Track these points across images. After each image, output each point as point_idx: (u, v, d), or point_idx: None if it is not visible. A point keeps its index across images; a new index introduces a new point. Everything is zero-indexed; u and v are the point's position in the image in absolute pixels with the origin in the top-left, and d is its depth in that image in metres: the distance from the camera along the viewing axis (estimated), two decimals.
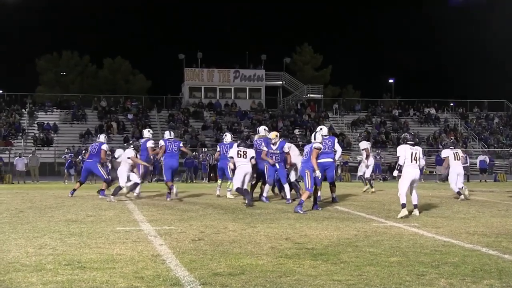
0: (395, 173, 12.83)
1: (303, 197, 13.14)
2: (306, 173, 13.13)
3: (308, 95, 55.88)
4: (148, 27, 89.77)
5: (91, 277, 6.20)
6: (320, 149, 13.36)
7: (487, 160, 38.63)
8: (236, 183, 15.08)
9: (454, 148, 17.33)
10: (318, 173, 13.03)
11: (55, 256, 7.32)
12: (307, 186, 13.13)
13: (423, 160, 14.74)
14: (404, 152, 12.50)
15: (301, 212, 12.63)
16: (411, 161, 12.42)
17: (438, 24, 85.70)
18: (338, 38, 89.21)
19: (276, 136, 15.80)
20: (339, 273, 6.45)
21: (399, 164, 12.66)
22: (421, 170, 14.71)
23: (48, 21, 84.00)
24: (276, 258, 7.28)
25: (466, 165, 35.77)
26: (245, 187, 15.15)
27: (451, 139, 26.02)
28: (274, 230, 9.79)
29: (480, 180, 34.06)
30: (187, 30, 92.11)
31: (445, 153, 17.02)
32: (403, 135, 13.13)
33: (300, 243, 8.43)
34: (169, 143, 16.81)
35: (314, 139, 13.46)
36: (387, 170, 38.90)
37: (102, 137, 17.97)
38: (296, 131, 48.28)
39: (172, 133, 17.43)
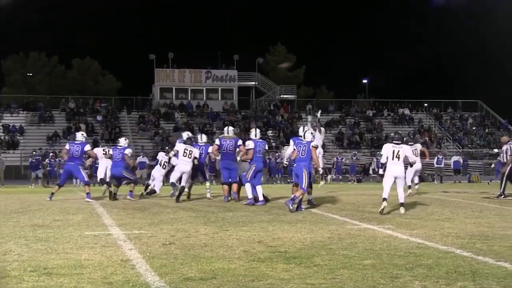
0: (380, 171, 13.29)
1: (297, 194, 13.50)
2: (303, 172, 13.49)
3: (281, 96, 56.01)
4: (118, 26, 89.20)
5: (58, 283, 6.13)
6: (317, 147, 13.86)
7: (461, 161, 39.08)
8: (172, 178, 16.74)
9: (414, 144, 17.69)
10: (320, 169, 13.72)
11: (20, 263, 7.22)
12: (303, 186, 13.49)
13: (414, 157, 14.97)
14: (387, 150, 13.22)
15: (291, 207, 13.14)
16: (393, 159, 13.08)
17: (416, 24, 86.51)
18: (312, 38, 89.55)
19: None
20: (312, 277, 6.45)
21: (381, 163, 13.44)
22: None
23: (15, 21, 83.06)
24: (248, 262, 7.26)
25: (440, 166, 36.29)
26: (182, 184, 16.40)
27: (422, 138, 26.44)
28: (246, 233, 9.77)
29: (454, 181, 34.41)
30: (158, 30, 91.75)
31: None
32: (391, 134, 13.77)
33: (273, 246, 8.42)
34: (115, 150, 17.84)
35: (304, 137, 13.80)
36: (362, 171, 39.11)
37: (122, 141, 18.15)
38: (269, 132, 48.35)
39: (123, 140, 18.14)
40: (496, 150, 28.48)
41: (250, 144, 15.62)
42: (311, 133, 14.21)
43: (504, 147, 18.39)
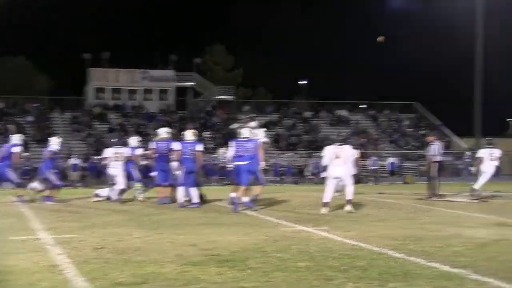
0: (323, 174, 13.67)
1: (257, 192, 14.66)
2: (251, 170, 14.29)
3: (219, 97, 55.95)
4: (52, 25, 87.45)
5: None
6: (268, 143, 14.59)
7: (397, 162, 39.81)
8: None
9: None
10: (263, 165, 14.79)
11: None
12: (262, 181, 14.59)
13: (353, 158, 15.43)
14: (328, 152, 13.87)
15: (254, 207, 14.12)
16: (335, 160, 13.73)
17: (356, 26, 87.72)
18: (251, 39, 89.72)
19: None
20: (246, 280, 6.44)
21: (323, 165, 14.24)
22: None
23: None
24: (181, 265, 7.20)
25: (374, 167, 36.92)
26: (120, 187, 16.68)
27: (360, 140, 26.95)
28: (180, 236, 9.70)
29: (390, 183, 35.02)
30: (93, 28, 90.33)
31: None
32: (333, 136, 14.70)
33: (207, 249, 8.37)
34: None
35: (243, 135, 14.66)
36: (298, 173, 39.36)
37: (54, 140, 17.57)
38: (206, 133, 48.21)
39: (55, 139, 17.67)
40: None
41: (176, 146, 15.67)
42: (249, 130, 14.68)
43: (430, 146, 18.88)
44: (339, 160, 13.79)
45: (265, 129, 17.06)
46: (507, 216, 12.99)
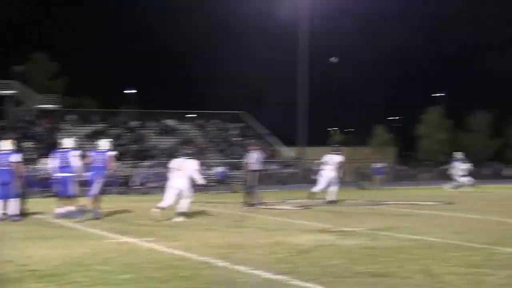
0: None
1: (90, 205, 14.63)
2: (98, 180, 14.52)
3: (42, 106, 53.82)
4: None
5: None
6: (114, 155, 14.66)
7: (225, 171, 40.40)
8: None
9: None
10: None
11: None
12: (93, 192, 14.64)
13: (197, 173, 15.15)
14: (172, 164, 14.70)
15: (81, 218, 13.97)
16: (176, 172, 14.44)
17: (192, 35, 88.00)
18: (77, 47, 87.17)
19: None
20: None
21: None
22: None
23: None
24: None
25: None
26: None
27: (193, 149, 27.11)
28: None
29: (218, 192, 35.40)
30: None
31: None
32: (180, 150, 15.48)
33: (24, 265, 7.97)
34: None
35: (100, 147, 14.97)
36: (125, 183, 38.64)
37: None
38: (28, 143, 46.13)
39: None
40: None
41: None
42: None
43: (249, 155, 19.41)
44: (181, 172, 14.43)
45: (110, 140, 16.62)
46: (329, 223, 13.59)
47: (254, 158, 19.24)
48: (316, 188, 20.60)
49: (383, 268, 7.69)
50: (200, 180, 15.00)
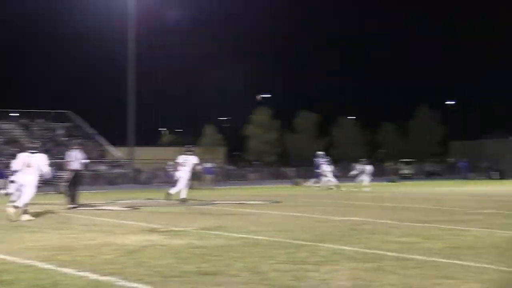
0: (12, 177, 14.65)
1: None
2: None
3: None
4: None
5: None
6: None
7: (51, 171, 38.91)
8: None
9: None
10: None
11: None
12: None
13: (46, 167, 15.00)
14: (20, 159, 14.41)
15: None
16: (23, 168, 14.28)
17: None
18: None
19: None
20: None
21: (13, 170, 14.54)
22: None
23: None
24: None
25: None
26: None
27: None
28: None
29: (45, 192, 34.11)
30: None
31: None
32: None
33: None
34: None
35: None
36: None
37: None
38: None
39: None
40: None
41: None
42: None
43: (68, 154, 19.01)
44: (29, 168, 14.32)
45: None
46: (156, 223, 13.56)
47: (74, 157, 18.77)
48: (174, 190, 20.54)
49: (212, 266, 7.79)
50: (48, 175, 15.00)
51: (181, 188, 20.70)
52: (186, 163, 21.07)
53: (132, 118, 47.74)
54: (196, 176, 28.52)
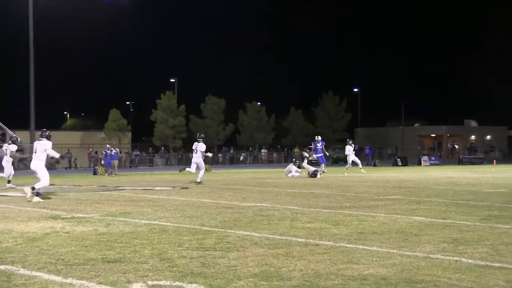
0: None
1: None
2: None
3: None
4: None
5: None
6: None
7: None
8: None
9: None
10: None
11: None
12: None
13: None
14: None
15: None
16: (33, 153, 15.91)
17: None
18: None
19: None
20: None
21: None
22: None
23: None
24: None
25: None
26: None
27: None
28: None
29: None
30: None
31: None
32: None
33: None
34: None
35: None
36: None
37: None
38: None
39: None
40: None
41: None
42: None
43: None
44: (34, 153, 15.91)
45: None
46: (60, 209, 13.27)
47: None
48: (191, 170, 23.37)
49: (117, 254, 7.68)
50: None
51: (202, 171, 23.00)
52: (197, 148, 23.08)
53: (32, 102, 46.29)
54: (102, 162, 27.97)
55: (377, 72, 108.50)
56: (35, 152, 15.99)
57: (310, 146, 32.10)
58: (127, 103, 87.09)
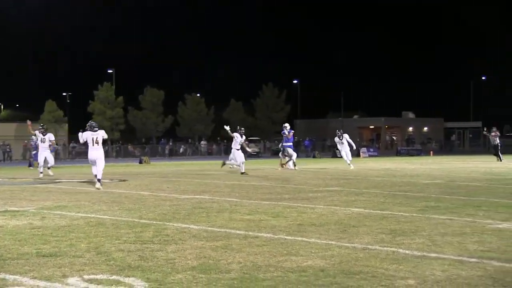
0: None
1: None
2: None
3: None
4: None
5: None
6: None
7: None
8: None
9: None
10: None
11: None
12: None
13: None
14: (86, 136, 17.09)
15: None
16: (93, 144, 17.05)
17: None
18: None
19: None
20: None
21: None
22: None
23: None
24: None
25: None
26: None
27: None
28: None
29: None
30: None
31: None
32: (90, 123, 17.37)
33: None
34: None
35: None
36: None
37: None
38: None
39: None
40: None
41: None
42: None
43: None
44: (96, 144, 16.98)
45: None
46: None
47: None
48: (231, 162, 24.71)
49: (53, 247, 7.56)
50: None
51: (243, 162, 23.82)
52: (237, 140, 24.08)
53: None
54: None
55: (317, 64, 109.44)
56: None
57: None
58: (64, 94, 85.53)
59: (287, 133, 27.44)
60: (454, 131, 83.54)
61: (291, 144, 27.96)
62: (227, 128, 25.39)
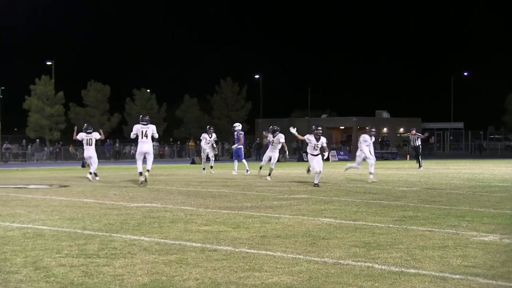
0: None
1: None
2: None
3: None
4: None
5: None
6: None
7: None
8: None
9: None
10: None
11: None
12: None
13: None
14: (137, 129, 20.44)
15: None
16: (142, 137, 20.27)
17: None
18: None
19: None
20: None
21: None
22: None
23: None
24: None
25: None
26: None
27: None
28: None
29: None
30: None
31: None
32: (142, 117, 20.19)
33: None
34: None
35: None
36: None
37: None
38: None
39: None
40: None
41: None
42: None
43: None
44: (145, 138, 20.10)
45: None
46: None
47: None
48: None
49: None
50: None
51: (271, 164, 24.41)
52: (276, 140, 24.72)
53: None
54: None
55: (282, 58, 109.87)
56: None
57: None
58: None
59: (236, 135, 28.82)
60: (433, 132, 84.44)
61: (241, 146, 29.17)
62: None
